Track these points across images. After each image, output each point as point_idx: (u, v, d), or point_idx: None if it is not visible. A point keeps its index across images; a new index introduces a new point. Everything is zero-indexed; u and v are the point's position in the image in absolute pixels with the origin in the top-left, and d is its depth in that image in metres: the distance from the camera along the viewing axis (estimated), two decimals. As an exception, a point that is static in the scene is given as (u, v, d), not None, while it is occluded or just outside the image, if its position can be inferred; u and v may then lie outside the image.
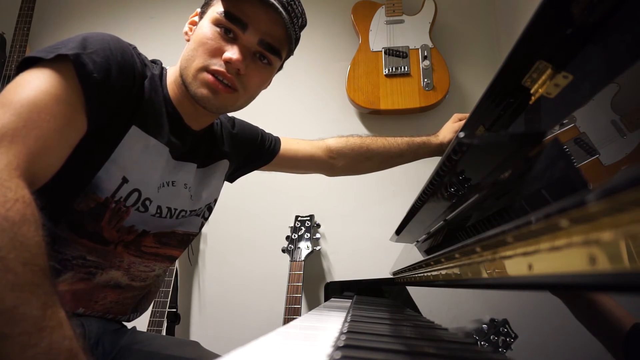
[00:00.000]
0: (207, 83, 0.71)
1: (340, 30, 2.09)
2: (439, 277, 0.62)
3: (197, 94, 0.72)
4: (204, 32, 0.72)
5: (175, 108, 0.78)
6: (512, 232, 0.32)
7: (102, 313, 0.78)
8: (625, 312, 0.26)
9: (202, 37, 0.72)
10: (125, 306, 0.82)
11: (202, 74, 0.72)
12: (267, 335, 0.39)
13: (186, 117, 0.79)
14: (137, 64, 0.71)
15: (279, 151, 1.04)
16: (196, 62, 0.72)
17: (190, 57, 0.73)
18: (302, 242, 1.70)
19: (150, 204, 0.76)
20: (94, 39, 0.64)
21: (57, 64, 0.60)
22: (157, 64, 0.80)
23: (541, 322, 0.37)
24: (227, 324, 1.84)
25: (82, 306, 0.74)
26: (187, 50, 0.75)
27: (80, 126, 0.62)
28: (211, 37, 0.72)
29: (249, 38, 0.72)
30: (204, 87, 0.72)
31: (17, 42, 2.10)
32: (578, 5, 0.32)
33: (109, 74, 0.63)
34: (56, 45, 0.61)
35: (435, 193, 0.69)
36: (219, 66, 0.71)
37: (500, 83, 0.43)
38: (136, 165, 0.71)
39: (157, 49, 1.72)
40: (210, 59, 0.71)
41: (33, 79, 0.58)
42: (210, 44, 0.71)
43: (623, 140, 0.30)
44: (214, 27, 0.72)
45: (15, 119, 0.53)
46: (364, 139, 1.13)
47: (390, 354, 0.36)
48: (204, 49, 0.72)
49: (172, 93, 0.78)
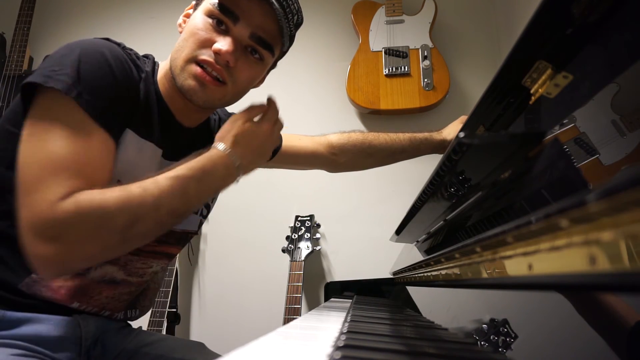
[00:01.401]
0: (194, 74, 0.70)
1: (340, 30, 2.09)
2: (439, 277, 0.62)
3: (184, 86, 0.71)
4: (196, 23, 0.71)
5: (167, 105, 0.77)
6: (512, 232, 0.32)
7: (98, 309, 0.77)
8: (626, 311, 0.26)
9: (193, 28, 0.71)
10: (121, 302, 0.81)
11: (190, 65, 0.70)
12: (267, 335, 0.39)
13: (177, 113, 0.78)
14: (133, 71, 0.71)
15: (280, 147, 1.04)
16: (185, 52, 0.71)
17: (179, 48, 0.72)
18: (302, 242, 1.70)
19: None
20: (89, 64, 0.64)
21: (59, 97, 0.61)
22: (149, 58, 0.78)
23: (541, 322, 0.37)
24: (227, 324, 1.84)
25: (77, 300, 0.73)
26: (178, 41, 0.74)
27: (111, 145, 0.66)
28: (202, 27, 0.71)
29: (241, 30, 0.70)
30: (192, 79, 0.70)
31: (17, 42, 2.10)
32: (578, 5, 0.32)
33: (111, 95, 0.65)
34: (55, 75, 0.62)
35: (435, 193, 0.69)
36: (207, 56, 0.70)
37: (501, 83, 0.43)
38: (130, 167, 0.71)
39: (156, 49, 1.72)
40: (199, 49, 0.70)
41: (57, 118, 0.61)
42: (201, 34, 0.70)
43: (623, 140, 0.30)
44: (206, 18, 0.71)
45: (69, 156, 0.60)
46: (366, 135, 1.12)
47: (390, 354, 0.36)
48: (194, 39, 0.71)
49: (162, 88, 0.77)
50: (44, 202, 0.56)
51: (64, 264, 0.59)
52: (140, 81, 0.72)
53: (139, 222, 0.61)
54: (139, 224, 0.61)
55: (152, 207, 0.62)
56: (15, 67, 2.07)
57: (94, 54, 0.65)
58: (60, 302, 0.71)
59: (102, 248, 0.60)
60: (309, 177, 1.67)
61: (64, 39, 2.27)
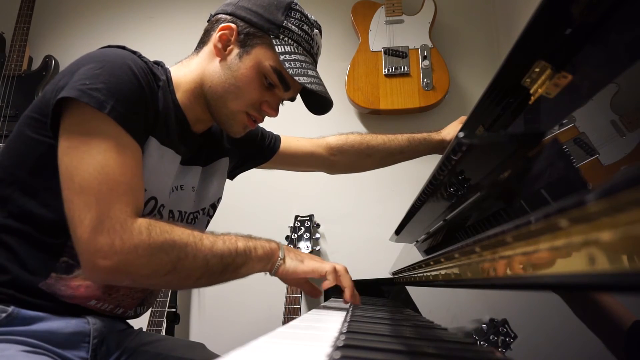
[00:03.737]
0: (245, 124, 0.82)
1: (340, 30, 2.09)
2: (439, 277, 0.62)
3: (231, 129, 0.82)
4: (248, 78, 0.77)
5: (183, 114, 0.80)
6: (511, 232, 0.32)
7: (113, 306, 0.79)
8: (625, 311, 0.26)
9: (246, 83, 0.77)
10: (135, 300, 0.83)
11: (241, 116, 0.80)
12: (266, 335, 0.39)
13: (192, 121, 0.82)
14: (151, 81, 0.73)
15: (279, 148, 1.05)
16: (237, 104, 0.79)
17: (227, 90, 0.78)
18: (302, 242, 1.70)
19: (163, 209, 0.78)
20: (118, 77, 0.67)
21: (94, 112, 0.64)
22: (161, 66, 0.81)
23: (540, 321, 0.37)
24: (226, 323, 1.84)
25: (94, 298, 0.74)
26: (224, 78, 0.78)
27: (139, 152, 0.69)
28: (255, 87, 0.78)
29: (287, 95, 0.82)
30: (240, 126, 0.82)
31: (17, 41, 2.10)
32: (577, 6, 0.32)
33: (140, 106, 0.69)
34: (88, 90, 0.64)
35: (434, 193, 0.69)
36: (257, 113, 0.81)
37: (500, 83, 0.43)
38: (153, 174, 0.73)
39: (157, 49, 1.72)
40: (250, 106, 0.79)
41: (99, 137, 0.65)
42: (254, 94, 0.79)
43: (622, 140, 0.30)
44: (260, 76, 0.78)
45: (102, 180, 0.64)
46: (364, 136, 1.13)
47: (389, 353, 0.36)
48: (247, 97, 0.78)
49: (183, 99, 0.80)
50: (115, 219, 0.62)
51: (120, 275, 0.64)
52: (159, 90, 0.75)
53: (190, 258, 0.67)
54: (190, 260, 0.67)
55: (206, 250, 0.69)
56: (15, 67, 2.07)
57: (120, 66, 0.67)
58: (78, 300, 0.73)
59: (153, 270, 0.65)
60: (308, 177, 1.67)
61: (64, 38, 2.27)
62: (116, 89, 0.65)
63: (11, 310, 0.67)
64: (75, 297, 0.72)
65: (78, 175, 0.63)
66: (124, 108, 0.65)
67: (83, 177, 0.63)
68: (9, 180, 0.70)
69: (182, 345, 0.89)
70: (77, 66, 0.67)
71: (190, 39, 0.82)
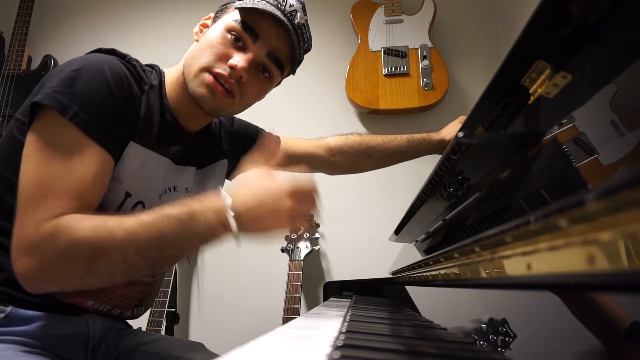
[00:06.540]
0: (207, 83, 0.74)
1: (340, 30, 2.09)
2: (438, 276, 0.62)
3: (195, 92, 0.75)
4: (215, 36, 0.75)
5: (172, 114, 0.79)
6: (511, 232, 0.32)
7: (110, 307, 0.78)
8: (624, 311, 0.26)
9: (212, 40, 0.75)
10: (132, 300, 0.83)
11: (204, 74, 0.74)
12: (266, 335, 0.39)
13: (183, 117, 0.80)
14: (133, 86, 0.72)
15: (278, 149, 1.05)
16: (201, 61, 0.74)
17: (195, 56, 0.76)
18: (301, 241, 1.70)
19: None
20: (87, 81, 0.65)
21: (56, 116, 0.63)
22: (155, 69, 0.80)
23: (540, 321, 0.37)
24: (226, 323, 1.84)
25: (91, 299, 0.74)
26: (194, 49, 0.77)
27: (107, 161, 0.67)
28: (221, 41, 0.74)
29: (258, 49, 0.75)
30: (204, 87, 0.74)
31: (16, 41, 2.10)
32: (577, 5, 0.32)
33: (108, 112, 0.66)
34: (54, 94, 0.63)
35: (434, 193, 0.69)
36: (222, 70, 0.73)
37: (500, 83, 0.43)
38: (137, 178, 0.73)
39: (157, 49, 1.72)
40: (215, 62, 0.74)
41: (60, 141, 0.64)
42: (219, 47, 0.74)
43: (622, 140, 0.30)
44: (225, 33, 0.75)
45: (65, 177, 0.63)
46: (363, 137, 1.13)
47: (389, 353, 0.36)
48: (212, 51, 0.74)
49: (172, 92, 0.79)
50: (32, 222, 0.59)
51: (39, 282, 0.61)
52: (143, 94, 0.74)
53: (102, 257, 0.59)
54: (102, 259, 0.60)
55: (120, 242, 0.60)
56: (14, 67, 2.07)
57: (94, 72, 0.66)
58: (75, 300, 0.72)
59: (67, 275, 0.61)
60: (308, 177, 1.67)
61: (63, 38, 2.27)
62: (83, 95, 0.64)
63: (9, 310, 0.67)
64: (72, 298, 0.72)
65: (24, 183, 0.62)
66: (88, 114, 0.64)
67: (24, 184, 0.62)
68: (0, 182, 0.70)
69: (182, 345, 0.89)
70: (60, 70, 0.67)
71: (191, 39, 0.82)
